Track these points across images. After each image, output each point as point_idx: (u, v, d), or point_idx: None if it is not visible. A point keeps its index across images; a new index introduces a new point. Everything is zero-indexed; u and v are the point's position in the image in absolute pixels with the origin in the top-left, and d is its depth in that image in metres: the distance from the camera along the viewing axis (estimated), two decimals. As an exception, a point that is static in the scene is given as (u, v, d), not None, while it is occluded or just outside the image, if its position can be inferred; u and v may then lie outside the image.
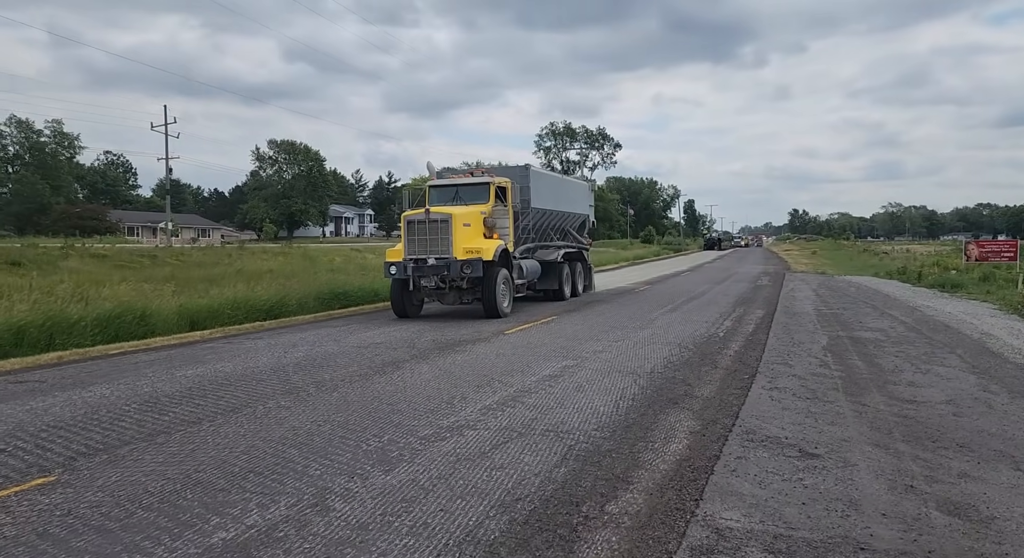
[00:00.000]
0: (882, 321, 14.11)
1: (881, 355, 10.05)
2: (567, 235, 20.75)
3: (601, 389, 7.76)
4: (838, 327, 13.15)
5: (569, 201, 20.03)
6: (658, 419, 6.53)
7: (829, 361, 9.55)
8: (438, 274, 14.17)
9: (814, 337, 11.82)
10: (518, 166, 16.82)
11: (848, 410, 6.84)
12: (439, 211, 14.44)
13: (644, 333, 12.40)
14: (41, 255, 31.71)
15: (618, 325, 13.57)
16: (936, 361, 9.55)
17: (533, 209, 17.00)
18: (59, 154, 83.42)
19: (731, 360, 9.68)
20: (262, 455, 5.32)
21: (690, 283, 26.39)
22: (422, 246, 14.30)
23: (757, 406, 6.99)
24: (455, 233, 14.13)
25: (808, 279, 28.49)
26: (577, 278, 20.16)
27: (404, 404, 7.03)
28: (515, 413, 6.69)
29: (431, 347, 10.92)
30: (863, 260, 48.33)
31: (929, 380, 8.29)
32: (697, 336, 12.01)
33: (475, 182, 15.88)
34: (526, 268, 16.72)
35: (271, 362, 9.61)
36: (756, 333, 12.40)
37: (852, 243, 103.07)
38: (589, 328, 13.13)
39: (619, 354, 10.15)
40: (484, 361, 9.62)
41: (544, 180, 17.96)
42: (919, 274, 26.79)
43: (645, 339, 11.66)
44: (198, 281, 21.62)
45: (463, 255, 14.11)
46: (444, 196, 15.99)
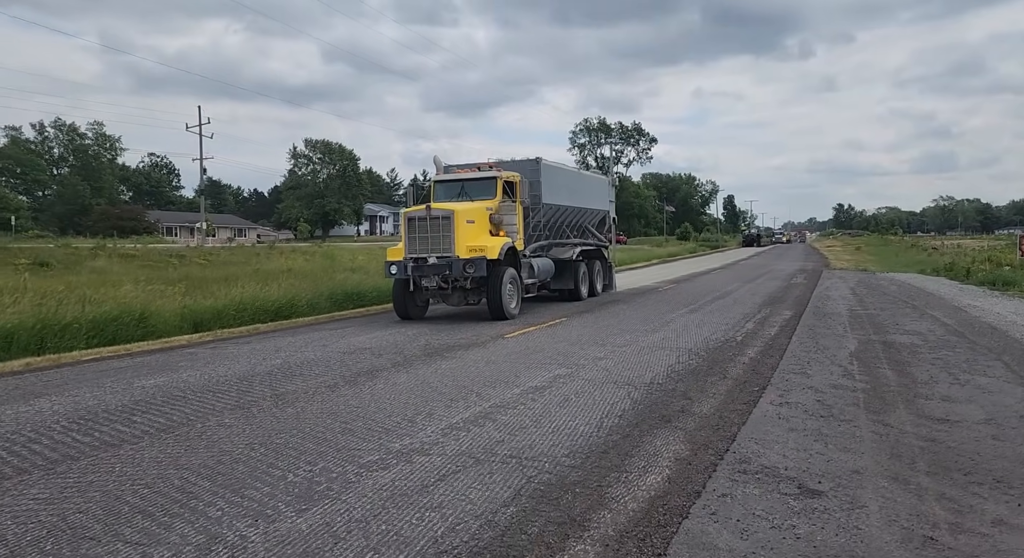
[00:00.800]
0: (921, 323, 12.96)
1: (915, 363, 9.01)
2: (585, 232, 19.86)
3: (587, 404, 6.94)
4: (871, 330, 12.07)
5: (586, 196, 19.14)
6: (643, 442, 5.69)
7: (854, 370, 8.56)
8: (439, 274, 13.45)
9: (842, 341, 10.78)
10: (528, 159, 16.02)
11: (866, 432, 5.90)
12: (440, 207, 13.72)
13: (655, 337, 11.50)
14: (70, 255, 32.00)
15: (629, 328, 12.68)
16: (978, 370, 8.49)
17: (545, 205, 16.17)
18: (101, 156, 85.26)
19: (743, 369, 8.75)
20: (167, 489, 4.64)
21: (719, 281, 25.25)
22: (423, 244, 13.59)
23: (760, 426, 6.09)
24: (457, 230, 13.39)
25: (847, 277, 27.09)
26: (595, 277, 19.27)
27: (360, 422, 6.32)
28: (481, 434, 5.92)
29: (419, 353, 10.20)
30: (910, 256, 46.23)
31: (968, 394, 7.27)
32: (712, 341, 11.07)
33: (481, 177, 15.13)
34: (538, 267, 15.91)
35: (242, 370, 8.99)
36: (778, 337, 11.41)
37: (899, 238, 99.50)
38: (596, 331, 12.28)
39: (620, 362, 9.29)
40: (470, 370, 8.86)
41: (557, 174, 17.12)
42: (967, 270, 25.20)
43: (654, 344, 10.77)
44: (213, 281, 21.29)
45: (466, 253, 13.36)
46: (450, 192, 15.26)
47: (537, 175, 15.78)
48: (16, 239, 46.19)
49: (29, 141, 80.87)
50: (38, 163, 76.04)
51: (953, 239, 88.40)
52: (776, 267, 35.46)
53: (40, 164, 76.40)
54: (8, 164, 73.46)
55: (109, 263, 31.35)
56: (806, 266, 36.29)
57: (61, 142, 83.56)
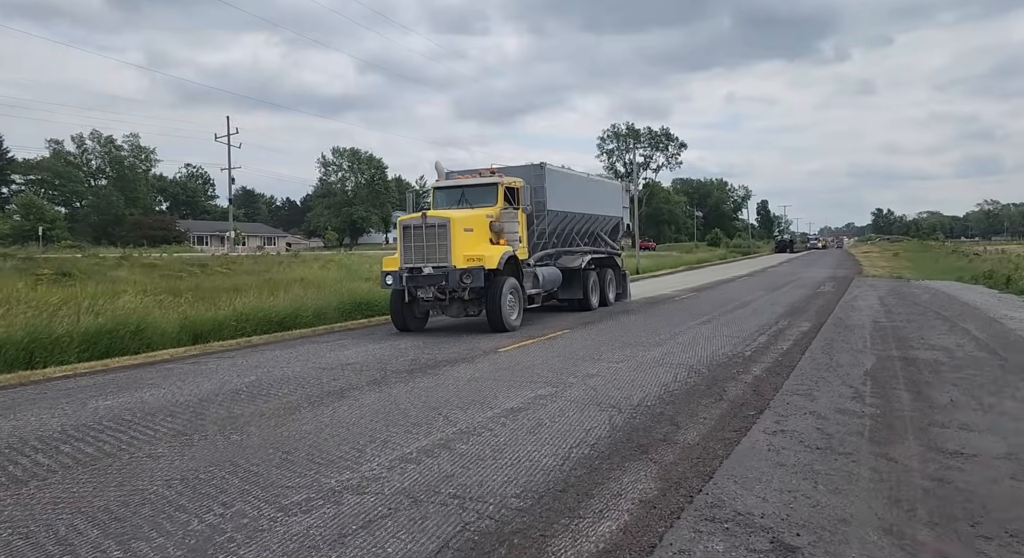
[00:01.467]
0: (950, 337, 12.06)
1: (936, 383, 8.22)
2: (597, 240, 19.19)
3: (561, 431, 6.33)
4: (893, 344, 11.23)
5: (597, 203, 18.49)
6: (609, 479, 5.07)
7: (866, 392, 7.81)
8: (435, 284, 12.92)
9: (859, 358, 9.99)
10: (532, 164, 15.43)
11: (865, 469, 5.20)
12: (436, 215, 13.19)
13: (657, 352, 10.83)
14: (93, 265, 32.26)
15: (633, 341, 12.01)
16: (1006, 393, 7.68)
17: (550, 212, 15.57)
18: (136, 167, 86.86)
19: (743, 389, 8.05)
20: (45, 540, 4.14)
21: (742, 290, 24.35)
22: (419, 254, 13.08)
23: (745, 460, 5.43)
24: (454, 239, 12.85)
25: (878, 285, 25.96)
26: (607, 286, 18.58)
27: (303, 452, 5.79)
28: (431, 467, 5.36)
29: (403, 369, 9.67)
30: (949, 262, 44.54)
31: (990, 422, 6.50)
32: (718, 356, 10.36)
33: (481, 183, 14.58)
34: (543, 276, 15.31)
35: (208, 389, 8.55)
36: (790, 352, 10.65)
37: (940, 244, 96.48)
38: (597, 345, 11.63)
39: (612, 380, 8.66)
40: (448, 389, 8.30)
41: (564, 180, 16.50)
42: (1008, 278, 23.90)
43: (655, 359, 10.10)
44: (223, 291, 21.12)
45: (463, 263, 12.82)
46: (450, 199, 14.76)
47: (541, 181, 15.19)
48: (48, 249, 46.93)
49: (69, 153, 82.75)
50: (76, 175, 77.67)
51: (997, 244, 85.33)
52: (805, 275, 34.31)
53: (78, 176, 78.05)
54: (47, 176, 75.24)
55: (131, 273, 31.48)
56: (837, 273, 35.06)
57: (98, 154, 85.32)
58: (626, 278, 20.21)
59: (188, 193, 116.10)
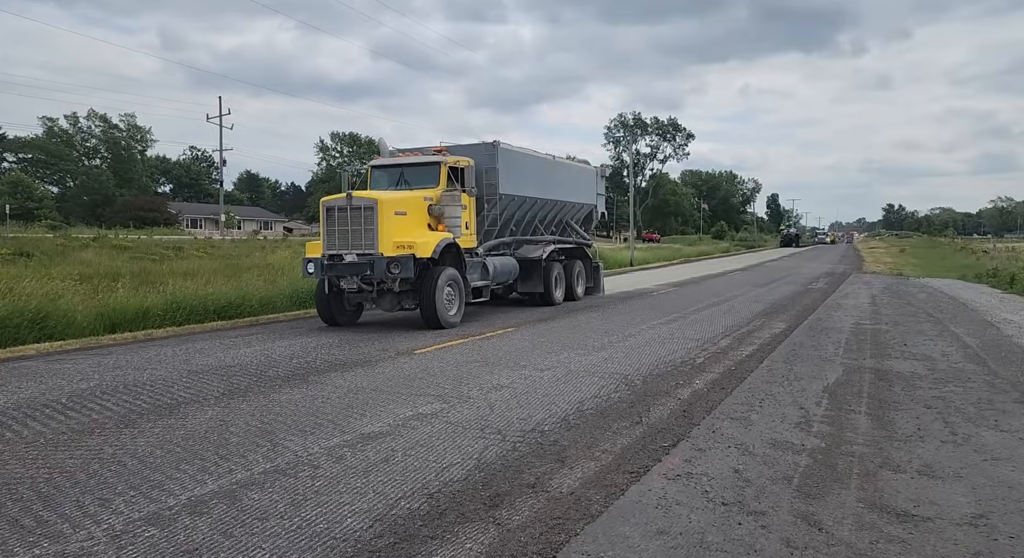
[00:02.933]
0: (936, 343, 10.63)
1: (905, 405, 6.81)
2: (566, 229, 17.76)
3: (408, 469, 4.97)
4: (868, 352, 9.81)
5: (565, 188, 17.03)
6: (415, 555, 3.71)
7: (817, 415, 6.41)
8: (359, 274, 11.50)
9: (823, 369, 8.58)
10: (483, 143, 13.97)
11: (773, 541, 3.82)
12: (362, 196, 11.77)
13: (596, 357, 9.44)
14: (58, 247, 31.10)
15: (577, 343, 10.63)
16: (987, 419, 6.27)
17: (504, 196, 14.13)
18: (132, 147, 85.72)
19: (671, 410, 6.67)
20: None
21: (728, 285, 22.88)
22: (342, 239, 11.66)
23: (616, 524, 4.05)
24: (382, 223, 11.43)
25: (875, 282, 24.43)
26: (575, 279, 17.15)
27: (39, 503, 4.46)
28: (175, 534, 4.01)
29: (283, 375, 8.31)
30: (956, 260, 42.83)
31: (961, 460, 5.10)
32: (665, 363, 8.98)
33: (422, 162, 13.15)
34: (494, 267, 13.90)
35: (24, 398, 7.23)
36: (748, 360, 9.25)
37: (950, 240, 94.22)
38: (532, 347, 10.26)
39: (521, 394, 7.29)
40: (314, 403, 6.95)
41: (522, 161, 15.04)
42: (1012, 278, 22.31)
43: (588, 367, 8.72)
44: (174, 276, 19.93)
45: (392, 250, 11.42)
46: (390, 180, 13.35)
47: (493, 161, 13.74)
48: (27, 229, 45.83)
49: (63, 132, 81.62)
50: (68, 154, 76.57)
51: (1009, 242, 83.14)
52: (802, 270, 32.76)
53: (70, 155, 76.93)
54: (38, 155, 74.16)
55: (97, 255, 30.28)
56: (836, 269, 33.49)
57: (94, 133, 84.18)
58: (599, 271, 18.77)
59: (192, 175, 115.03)
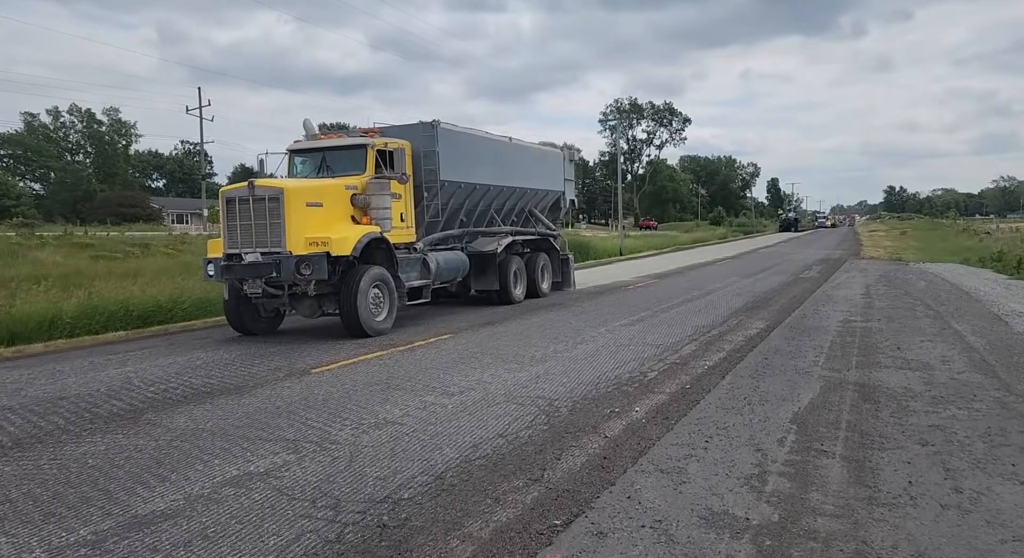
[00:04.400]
0: (936, 345, 9.10)
1: (893, 441, 5.29)
2: (529, 219, 16.19)
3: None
4: (854, 360, 8.28)
5: (527, 174, 15.45)
6: None
7: (776, 462, 4.89)
8: (263, 276, 9.94)
9: (797, 386, 7.05)
10: (421, 123, 12.37)
11: None
12: (267, 185, 10.20)
13: (526, 374, 7.91)
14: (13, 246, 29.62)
15: (513, 354, 9.11)
16: (1002, 462, 4.77)
17: (448, 183, 12.55)
18: (116, 142, 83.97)
19: (590, 455, 5.16)
20: None
21: (714, 275, 21.31)
22: (244, 236, 10.09)
23: None
24: (290, 216, 9.86)
25: (871, 269, 22.85)
26: (539, 274, 15.59)
27: None
28: None
29: (123, 410, 6.77)
30: (958, 242, 41.19)
31: (972, 543, 3.56)
32: (607, 380, 7.47)
33: (346, 145, 11.56)
34: (438, 264, 12.36)
35: None
36: (710, 374, 7.73)
37: (952, 222, 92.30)
38: (458, 361, 8.73)
39: (403, 434, 5.77)
40: (108, 460, 5.44)
41: (470, 144, 13.43)
42: (1019, 262, 20.71)
43: (510, 389, 7.20)
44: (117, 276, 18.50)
45: (304, 248, 9.86)
46: (312, 166, 11.77)
47: (432, 143, 12.14)
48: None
49: (45, 127, 79.83)
50: (48, 150, 74.83)
51: (1012, 222, 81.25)
52: (796, 256, 31.15)
53: (50, 151, 75.20)
54: (18, 151, 72.45)
55: (54, 254, 28.81)
56: (832, 255, 31.88)
57: (77, 128, 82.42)
58: (568, 264, 17.20)
59: (185, 170, 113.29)
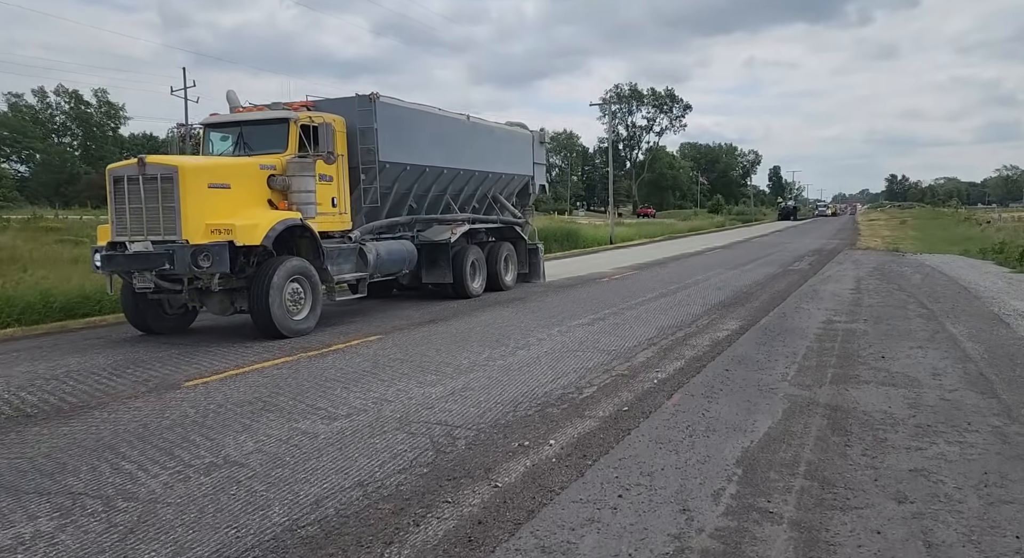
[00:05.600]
0: (926, 353, 7.89)
1: (863, 493, 4.09)
2: (493, 205, 14.92)
3: None
4: (831, 372, 7.07)
5: (489, 156, 14.16)
6: None
7: (703, 533, 3.69)
8: (152, 269, 8.70)
9: (755, 409, 5.85)
10: (358, 96, 11.05)
11: None
12: (159, 162, 8.93)
13: (440, 389, 6.71)
14: (-27, 228, 28.46)
15: (437, 362, 7.90)
16: (1004, 533, 3.54)
17: (390, 164, 11.27)
18: (104, 125, 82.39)
19: (460, 519, 3.96)
20: None
21: (698, 266, 20.06)
22: (134, 221, 8.79)
23: None
24: (187, 199, 8.56)
25: (865, 260, 21.59)
26: (501, 266, 14.35)
27: None
28: None
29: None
30: (959, 231, 39.89)
31: None
32: (533, 398, 6.26)
33: (264, 119, 10.27)
34: (378, 255, 11.10)
35: None
36: (658, 390, 6.52)
37: (954, 210, 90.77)
38: (368, 371, 7.52)
39: (242, 480, 4.57)
40: None
41: (417, 121, 12.11)
42: (1021, 254, 19.43)
43: (409, 410, 6.00)
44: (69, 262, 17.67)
45: (204, 236, 8.60)
46: (230, 142, 10.51)
47: (370, 120, 10.84)
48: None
49: (31, 108, 78.19)
50: (33, 131, 73.31)
51: (1015, 211, 79.70)
52: (790, 246, 29.88)
53: (35, 132, 73.68)
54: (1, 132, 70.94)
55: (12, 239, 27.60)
56: (827, 245, 30.59)
57: (63, 110, 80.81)
58: (537, 254, 15.95)
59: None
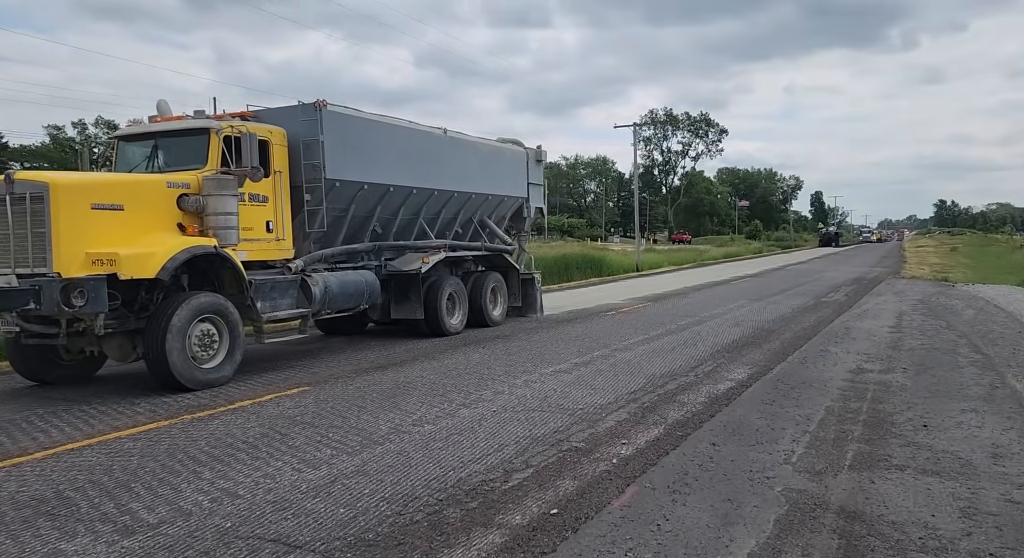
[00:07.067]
0: (982, 419, 6.02)
1: None
2: (479, 231, 13.32)
3: None
4: (852, 449, 5.28)
5: (471, 175, 12.58)
6: None
7: None
8: (12, 309, 7.21)
9: (736, 517, 4.10)
10: (301, 104, 9.60)
11: None
12: (28, 178, 7.51)
13: (329, 471, 5.11)
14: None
15: (348, 429, 6.30)
16: None
17: (341, 183, 9.76)
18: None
19: None
20: None
21: (716, 298, 18.12)
22: (2, 250, 7.40)
23: None
24: (59, 222, 7.03)
25: (909, 291, 19.40)
26: (486, 299, 12.70)
27: None
28: None
29: None
30: (1015, 259, 37.04)
31: None
32: (441, 490, 4.64)
33: (182, 128, 8.85)
34: (326, 288, 9.56)
35: None
36: (608, 480, 4.83)
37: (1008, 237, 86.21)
38: (257, 441, 5.94)
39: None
40: None
41: (378, 134, 10.58)
42: (1091, 285, 17.09)
43: (255, 513, 4.40)
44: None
45: (83, 268, 7.16)
46: (143, 157, 9.10)
47: (315, 131, 9.38)
48: None
49: (72, 140, 79.84)
50: (73, 162, 74.59)
51: (1074, 238, 75.15)
52: (827, 274, 27.63)
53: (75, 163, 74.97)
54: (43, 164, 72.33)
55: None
56: (869, 273, 28.25)
57: (102, 141, 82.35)
58: (533, 285, 14.27)
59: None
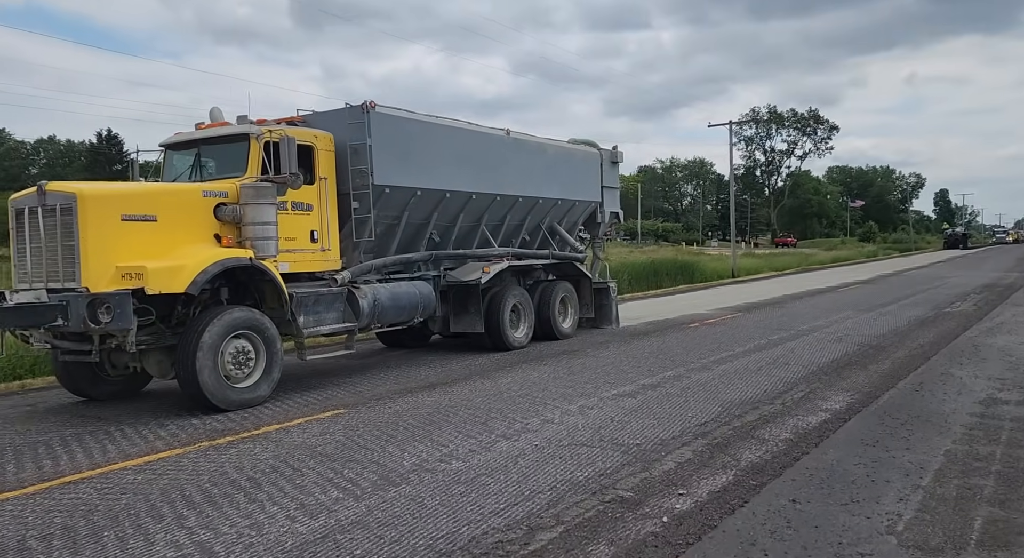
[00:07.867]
0: None
1: None
2: (548, 238, 12.44)
3: None
4: (981, 512, 4.07)
5: (539, 179, 11.71)
6: None
7: None
8: (41, 325, 6.95)
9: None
10: (349, 107, 9.03)
11: None
12: (58, 189, 7.22)
13: (326, 521, 4.37)
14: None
15: (367, 462, 5.58)
16: None
17: (391, 189, 9.14)
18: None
19: None
20: None
21: (818, 308, 16.39)
22: (35, 263, 7.16)
23: None
24: (88, 235, 6.71)
25: (1052, 300, 16.94)
26: (555, 310, 11.80)
27: None
28: None
29: None
30: None
31: None
32: (441, 552, 3.77)
33: (222, 135, 8.44)
34: (375, 300, 8.94)
35: None
36: (649, 549, 3.80)
37: None
38: (270, 472, 5.29)
39: None
40: None
41: (432, 137, 9.84)
42: None
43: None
44: None
45: (112, 282, 6.82)
46: (189, 165, 8.80)
47: (362, 135, 8.81)
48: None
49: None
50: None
51: None
52: (951, 280, 24.91)
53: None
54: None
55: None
56: (1003, 279, 25.24)
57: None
58: (607, 294, 13.24)
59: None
